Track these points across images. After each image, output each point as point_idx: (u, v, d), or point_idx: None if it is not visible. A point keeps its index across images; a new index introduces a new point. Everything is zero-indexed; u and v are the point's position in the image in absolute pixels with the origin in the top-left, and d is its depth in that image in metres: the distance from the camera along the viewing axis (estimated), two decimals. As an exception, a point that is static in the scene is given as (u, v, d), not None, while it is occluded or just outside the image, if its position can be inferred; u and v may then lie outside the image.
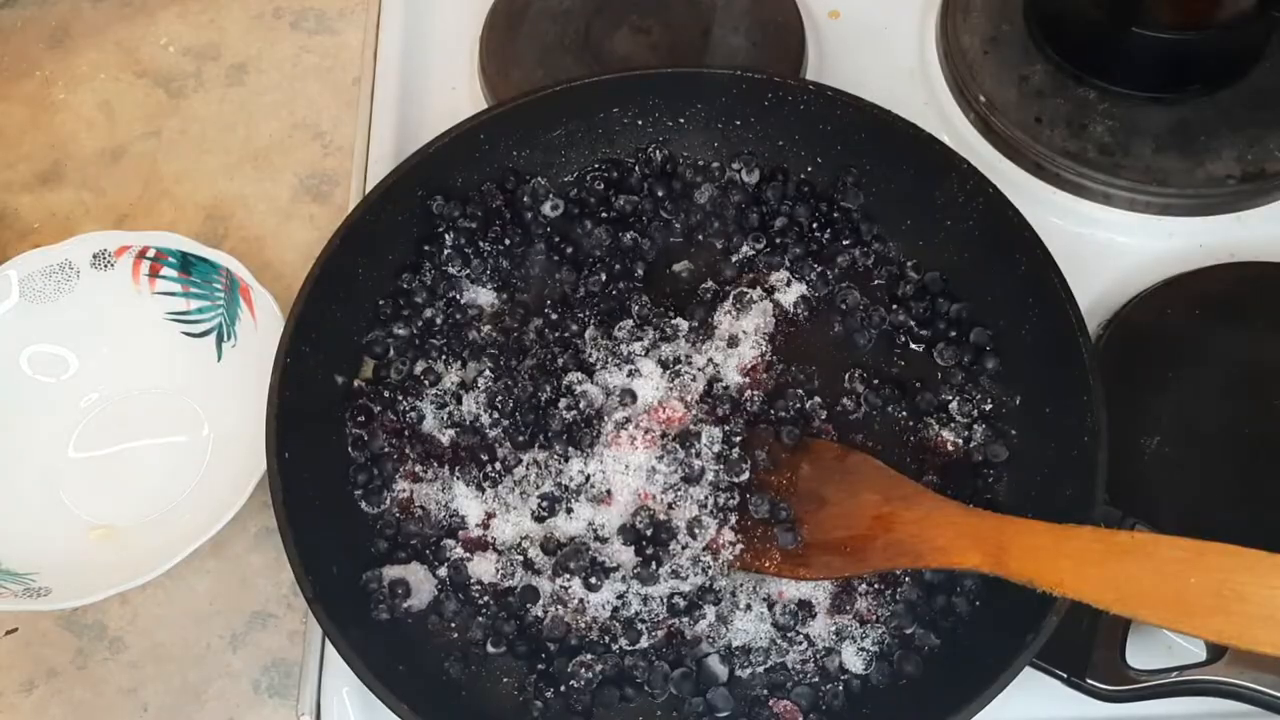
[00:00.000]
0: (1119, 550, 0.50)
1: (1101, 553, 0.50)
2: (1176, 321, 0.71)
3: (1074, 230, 0.76)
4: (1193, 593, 0.47)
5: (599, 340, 0.69)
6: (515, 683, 0.61)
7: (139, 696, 0.66)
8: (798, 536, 0.61)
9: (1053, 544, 0.52)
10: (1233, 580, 0.46)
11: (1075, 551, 0.51)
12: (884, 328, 0.70)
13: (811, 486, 0.63)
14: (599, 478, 0.64)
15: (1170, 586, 0.48)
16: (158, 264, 0.72)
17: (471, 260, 0.71)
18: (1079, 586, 0.50)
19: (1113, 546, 0.50)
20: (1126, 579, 0.49)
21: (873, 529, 0.60)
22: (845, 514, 0.61)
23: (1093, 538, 0.52)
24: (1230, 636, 0.46)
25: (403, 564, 0.63)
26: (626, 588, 0.61)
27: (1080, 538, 0.52)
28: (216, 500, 0.65)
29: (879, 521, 0.60)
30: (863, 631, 0.61)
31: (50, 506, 0.69)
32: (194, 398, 0.73)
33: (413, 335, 0.70)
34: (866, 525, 0.60)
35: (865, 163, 0.73)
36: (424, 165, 0.70)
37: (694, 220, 0.74)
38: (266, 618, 0.68)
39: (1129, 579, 0.49)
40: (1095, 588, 0.50)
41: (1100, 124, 0.79)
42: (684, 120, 0.75)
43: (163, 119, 0.88)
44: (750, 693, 0.60)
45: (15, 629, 0.68)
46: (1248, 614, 0.45)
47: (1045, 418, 0.64)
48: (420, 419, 0.67)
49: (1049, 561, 0.52)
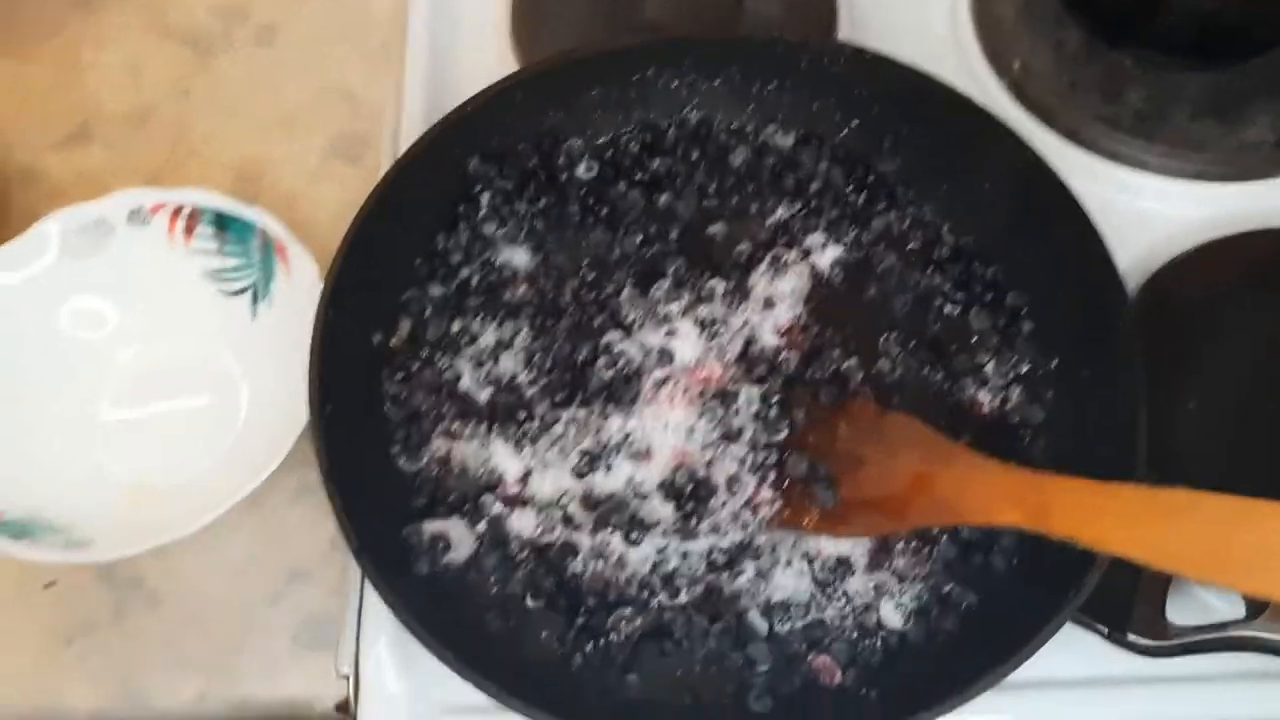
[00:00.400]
0: (1162, 507, 0.50)
1: (1144, 509, 0.51)
2: (1209, 288, 0.72)
3: (1107, 196, 0.76)
4: (1235, 549, 0.47)
5: (635, 301, 0.69)
6: (555, 636, 0.61)
7: (178, 650, 0.66)
8: (836, 495, 0.61)
9: (1095, 501, 0.52)
10: (1276, 537, 0.46)
11: (1117, 508, 0.52)
12: (919, 291, 0.70)
13: (850, 446, 0.63)
14: (638, 435, 0.64)
15: (1213, 543, 0.48)
16: (193, 221, 0.72)
17: (507, 221, 0.71)
18: (1122, 543, 0.50)
19: (1155, 503, 0.51)
20: (1169, 536, 0.49)
21: (912, 487, 0.60)
22: (884, 473, 0.61)
23: (1135, 495, 0.52)
24: (1273, 592, 0.47)
25: (442, 519, 0.63)
26: (666, 543, 0.62)
27: (1123, 495, 0.52)
28: (253, 458, 0.65)
29: (918, 480, 0.60)
30: (901, 588, 0.61)
31: (88, 463, 0.69)
32: (231, 356, 0.73)
33: (449, 295, 0.70)
34: (906, 484, 0.60)
35: (901, 126, 0.72)
36: (460, 124, 0.70)
37: (729, 183, 0.74)
38: (304, 573, 0.68)
39: (1172, 536, 0.49)
40: (1138, 544, 0.50)
41: (1135, 90, 0.79)
42: (719, 83, 0.75)
43: (191, 79, 0.88)
44: (789, 648, 0.60)
45: (54, 582, 0.68)
46: None
47: (1082, 381, 0.65)
48: (458, 377, 0.67)
49: (1091, 518, 0.52)
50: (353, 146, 0.84)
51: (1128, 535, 0.50)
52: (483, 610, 0.61)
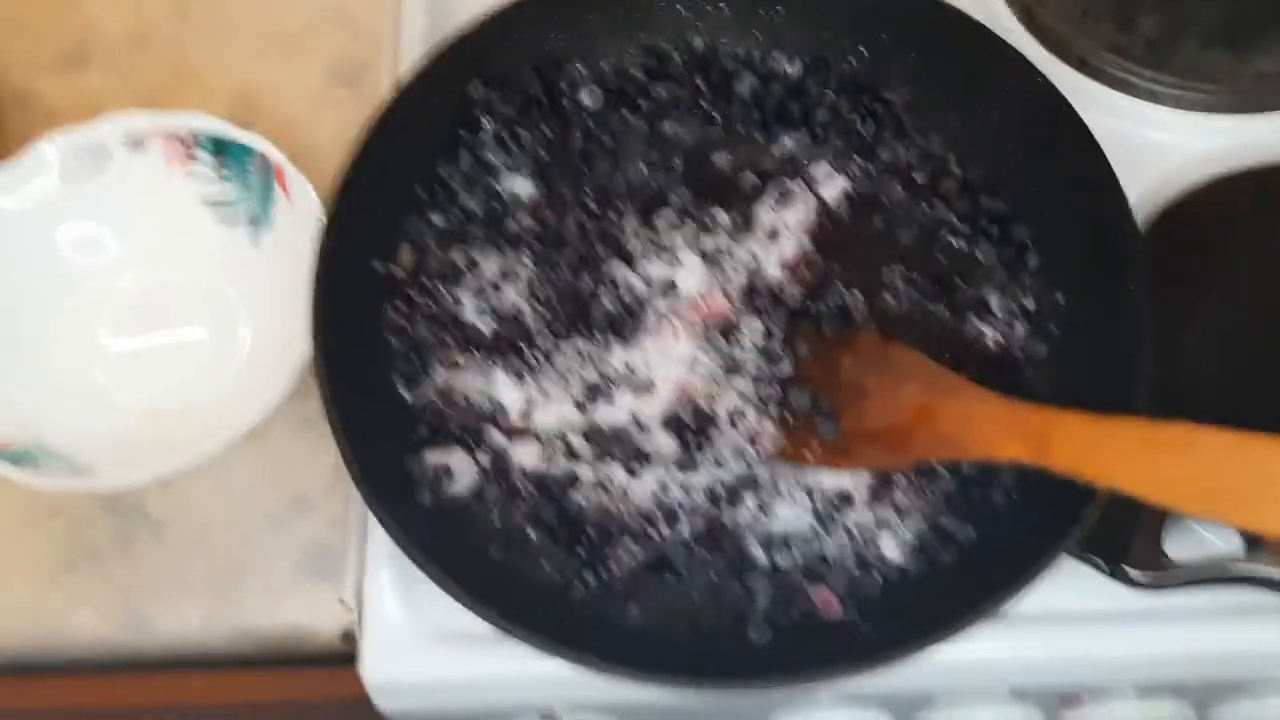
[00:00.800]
0: (1163, 442, 0.50)
1: (1144, 444, 0.51)
2: (1221, 222, 0.71)
3: (1118, 128, 0.74)
4: (1234, 484, 0.47)
5: (639, 231, 0.68)
6: (556, 567, 0.61)
7: (181, 577, 0.67)
8: (838, 427, 0.61)
9: (1096, 435, 0.53)
10: (1274, 472, 0.46)
11: (1118, 443, 0.52)
12: (925, 223, 0.69)
13: (853, 378, 0.63)
14: (641, 367, 0.64)
15: (1212, 478, 0.48)
16: (191, 146, 0.71)
17: (510, 148, 0.70)
18: (1122, 478, 0.50)
19: (1155, 438, 0.51)
20: (1170, 471, 0.49)
21: (914, 420, 0.60)
22: (886, 405, 0.61)
23: (1136, 429, 0.52)
24: (1270, 526, 0.47)
25: (444, 450, 0.63)
26: (668, 475, 0.62)
27: (1124, 429, 0.52)
28: (257, 387, 0.64)
29: (921, 413, 0.60)
30: (900, 522, 0.62)
31: (90, 390, 0.69)
32: (231, 284, 0.72)
33: (450, 223, 0.69)
34: (908, 417, 0.60)
35: (910, 53, 0.71)
36: (461, 48, 0.69)
37: (734, 111, 0.73)
38: (307, 503, 0.68)
39: (1173, 471, 0.49)
40: (1138, 479, 0.50)
41: (1148, 18, 0.77)
42: (724, 6, 0.73)
43: (189, 1, 0.86)
44: (788, 580, 0.61)
45: (58, 511, 0.69)
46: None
47: (1088, 315, 0.64)
48: (459, 307, 0.67)
49: (1092, 453, 0.52)
50: (352, 70, 0.83)
51: (1127, 470, 0.51)
52: (485, 541, 0.62)
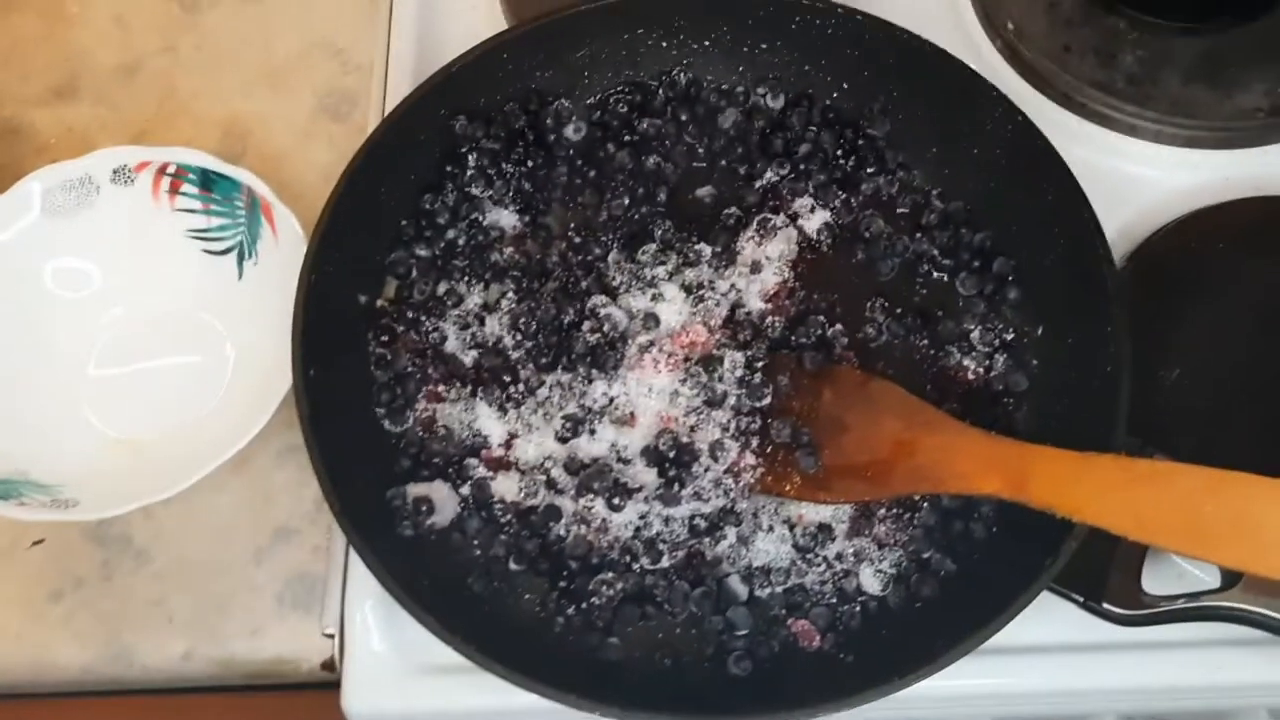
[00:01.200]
0: (1138, 478, 0.51)
1: (1121, 480, 0.51)
2: (1200, 255, 0.71)
3: (1099, 162, 0.76)
4: (1210, 520, 0.47)
5: (622, 264, 0.69)
6: (537, 599, 0.62)
7: (164, 608, 0.67)
8: (818, 460, 0.62)
9: (1073, 471, 0.53)
10: (1250, 509, 0.47)
11: (1095, 479, 0.52)
12: (907, 256, 0.70)
13: (833, 412, 0.63)
14: (622, 400, 0.64)
15: (1188, 514, 0.48)
16: (178, 180, 0.71)
17: (494, 181, 0.71)
18: (1098, 513, 0.51)
19: (1132, 474, 0.51)
20: (1145, 506, 0.50)
21: (894, 454, 0.60)
22: (866, 439, 0.62)
23: (1113, 465, 0.52)
24: (1246, 563, 0.48)
25: (426, 482, 0.63)
26: (649, 508, 0.62)
27: (1101, 465, 0.52)
28: (239, 417, 0.65)
29: (901, 447, 0.60)
30: (880, 555, 0.62)
31: (74, 421, 0.69)
32: (216, 316, 0.72)
33: (435, 256, 0.70)
34: (888, 450, 0.60)
35: (892, 89, 0.72)
36: (447, 84, 0.70)
37: (718, 145, 0.74)
38: (290, 533, 0.69)
39: (1148, 506, 0.50)
40: (1114, 514, 0.50)
41: (1129, 54, 0.78)
42: (709, 43, 0.74)
43: (178, 34, 0.87)
44: (769, 612, 0.61)
45: (42, 540, 0.69)
46: (1264, 542, 0.46)
47: (1067, 348, 0.65)
48: (443, 339, 0.67)
49: (1069, 488, 0.52)
50: (341, 104, 0.84)
51: (1104, 505, 0.51)
52: (465, 573, 0.62)
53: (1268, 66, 0.76)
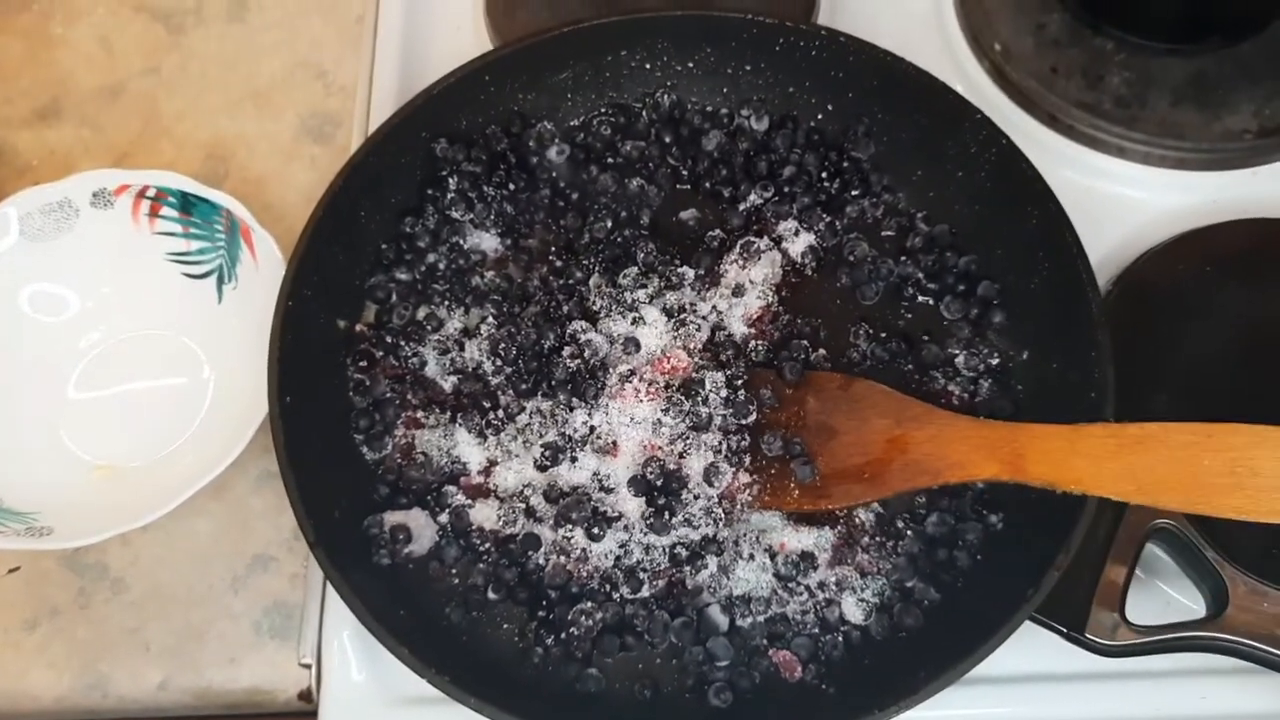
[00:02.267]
0: (1132, 441, 0.51)
1: (1115, 446, 0.52)
2: (1188, 278, 0.71)
3: (1087, 183, 0.75)
4: (1208, 474, 0.48)
5: (603, 288, 0.68)
6: (515, 629, 0.61)
7: (140, 636, 0.66)
8: (815, 469, 0.61)
9: (1067, 444, 0.53)
10: (1245, 457, 0.48)
11: (1090, 448, 0.52)
12: (892, 280, 0.69)
13: (820, 419, 0.63)
14: (604, 429, 0.63)
15: (1186, 470, 0.49)
16: (158, 204, 0.71)
17: (475, 205, 0.70)
18: (1098, 481, 0.51)
19: (1125, 438, 0.52)
20: (1143, 468, 0.50)
21: (888, 452, 0.60)
22: (858, 441, 0.61)
23: (1105, 433, 0.53)
24: (1249, 511, 0.47)
25: (404, 509, 0.63)
26: (629, 537, 0.61)
27: (1093, 434, 0.53)
28: (218, 443, 0.64)
29: (893, 444, 0.60)
30: (863, 583, 0.61)
31: (51, 447, 0.69)
32: (195, 339, 0.72)
33: (415, 280, 0.69)
34: (881, 450, 0.60)
35: (877, 111, 0.71)
36: (428, 106, 0.69)
37: (701, 167, 0.73)
38: (268, 561, 0.68)
39: (1145, 468, 0.50)
40: (1114, 481, 0.51)
41: (1117, 75, 0.77)
42: (693, 65, 0.74)
43: (162, 55, 0.86)
44: (750, 642, 0.60)
45: (18, 568, 0.68)
46: (1263, 487, 0.47)
47: (1052, 373, 0.64)
48: (422, 365, 0.66)
49: (1065, 461, 0.53)
50: (324, 125, 0.83)
51: (1102, 473, 0.51)
52: (443, 602, 0.61)
53: (1256, 88, 0.76)
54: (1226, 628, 0.55)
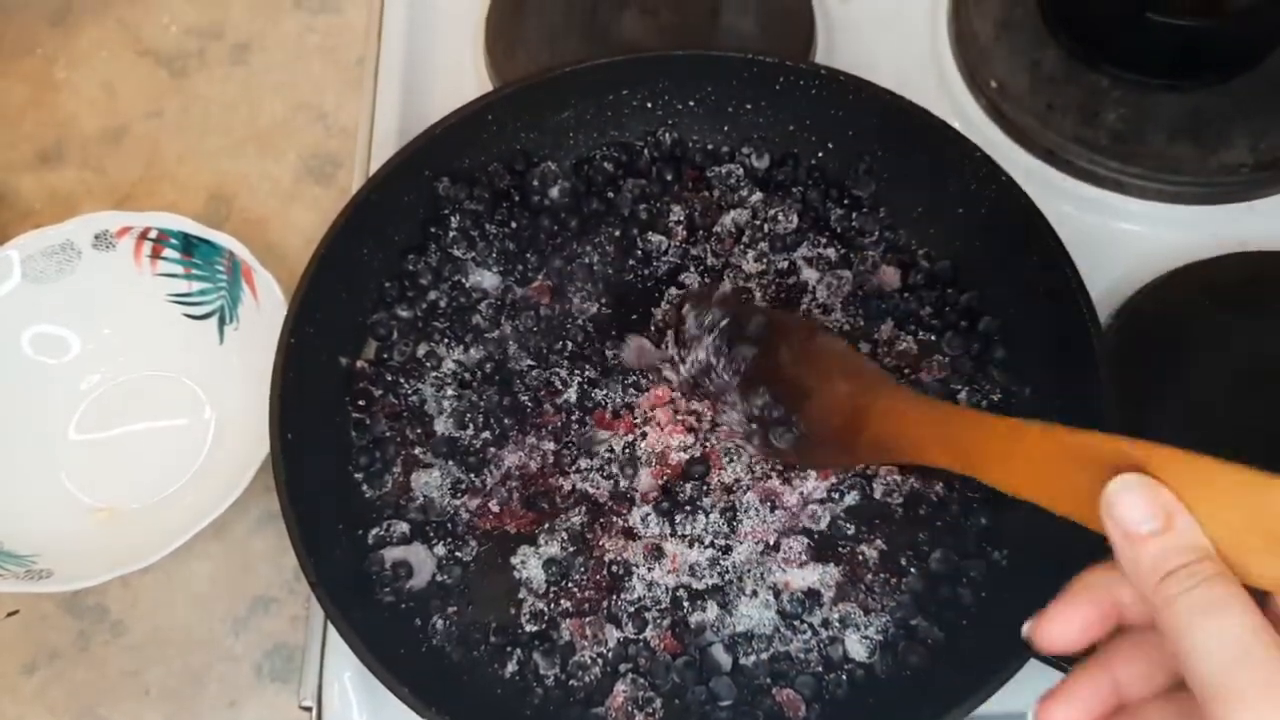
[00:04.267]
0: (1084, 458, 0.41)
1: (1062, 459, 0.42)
2: (1187, 311, 0.71)
3: (1085, 218, 0.76)
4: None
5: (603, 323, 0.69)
6: (517, 668, 0.60)
7: (140, 680, 0.66)
8: (795, 432, 0.59)
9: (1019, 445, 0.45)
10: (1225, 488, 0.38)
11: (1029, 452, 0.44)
12: (896, 315, 0.69)
13: (793, 373, 0.59)
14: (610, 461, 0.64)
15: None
16: (159, 245, 0.71)
17: (477, 243, 0.71)
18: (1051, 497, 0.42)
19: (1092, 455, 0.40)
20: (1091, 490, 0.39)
21: (853, 421, 0.55)
22: (828, 404, 0.57)
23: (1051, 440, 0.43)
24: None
25: (404, 545, 0.62)
26: (635, 574, 0.61)
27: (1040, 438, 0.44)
28: (218, 484, 0.64)
29: (856, 414, 0.55)
30: (867, 620, 0.61)
31: (51, 489, 0.69)
32: (196, 380, 0.72)
33: (416, 317, 0.69)
34: (845, 417, 0.56)
35: (877, 149, 0.72)
36: (430, 146, 0.70)
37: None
38: (268, 602, 0.67)
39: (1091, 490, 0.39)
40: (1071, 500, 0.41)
41: (1113, 111, 0.78)
42: (694, 104, 0.74)
43: (165, 99, 0.87)
44: (753, 681, 0.60)
45: (16, 611, 0.68)
46: None
47: (1054, 410, 0.64)
48: (422, 402, 0.66)
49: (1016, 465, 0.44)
50: (325, 166, 0.84)
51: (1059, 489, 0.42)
52: (444, 640, 0.61)
53: (1251, 123, 0.76)
54: (1235, 663, 0.55)
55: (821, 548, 0.62)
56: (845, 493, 0.64)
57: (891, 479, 0.64)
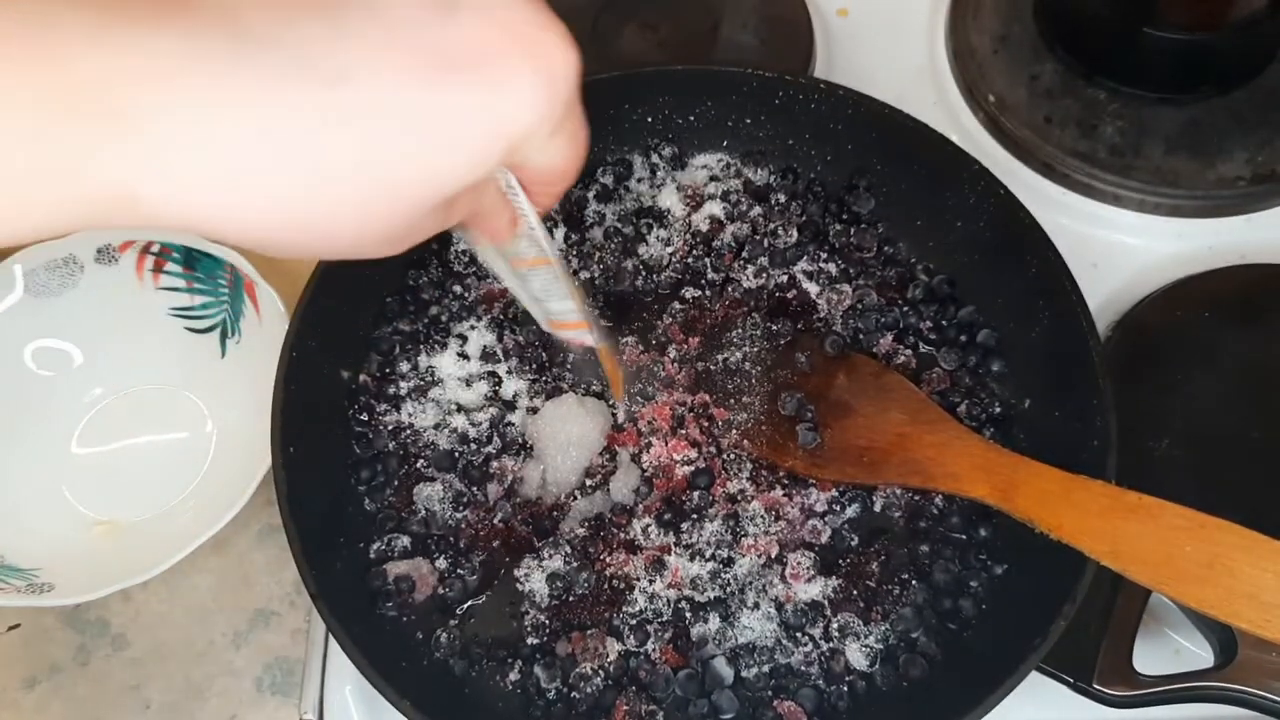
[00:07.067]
0: (1124, 508, 0.51)
1: (1107, 507, 0.52)
2: (1186, 323, 0.71)
3: (1083, 231, 0.76)
4: (1185, 560, 0.48)
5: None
6: (519, 681, 0.60)
7: (141, 694, 0.66)
8: (818, 436, 0.63)
9: (1062, 490, 0.54)
10: (1227, 555, 0.47)
11: (1082, 501, 0.53)
12: (896, 330, 0.69)
13: (844, 396, 0.65)
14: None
15: (1165, 550, 0.49)
16: (162, 259, 0.72)
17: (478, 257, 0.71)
18: (1077, 533, 0.52)
19: (1118, 503, 0.52)
20: (1125, 535, 0.50)
21: (893, 445, 0.62)
22: (870, 426, 0.63)
23: (1102, 491, 0.53)
24: (1214, 607, 0.47)
25: (407, 559, 0.62)
26: (637, 586, 0.61)
27: (1090, 489, 0.53)
28: (220, 497, 0.64)
29: (901, 439, 0.62)
30: (868, 630, 0.61)
31: (54, 502, 0.69)
32: (198, 394, 0.72)
33: (418, 330, 0.69)
34: (888, 440, 0.62)
35: (875, 162, 0.72)
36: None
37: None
38: (269, 615, 0.68)
39: (1128, 536, 0.50)
40: (1093, 538, 0.51)
41: (1110, 124, 0.78)
42: (694, 118, 0.75)
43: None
44: (755, 694, 0.60)
45: (18, 625, 0.68)
46: (1234, 589, 0.47)
47: (1054, 421, 0.64)
48: (424, 415, 0.66)
49: (1054, 506, 0.54)
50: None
51: (1083, 527, 0.52)
52: (447, 654, 0.61)
53: (1248, 136, 0.77)
54: (1235, 677, 0.55)
55: (824, 560, 0.62)
56: (846, 505, 0.64)
57: (891, 492, 0.64)
